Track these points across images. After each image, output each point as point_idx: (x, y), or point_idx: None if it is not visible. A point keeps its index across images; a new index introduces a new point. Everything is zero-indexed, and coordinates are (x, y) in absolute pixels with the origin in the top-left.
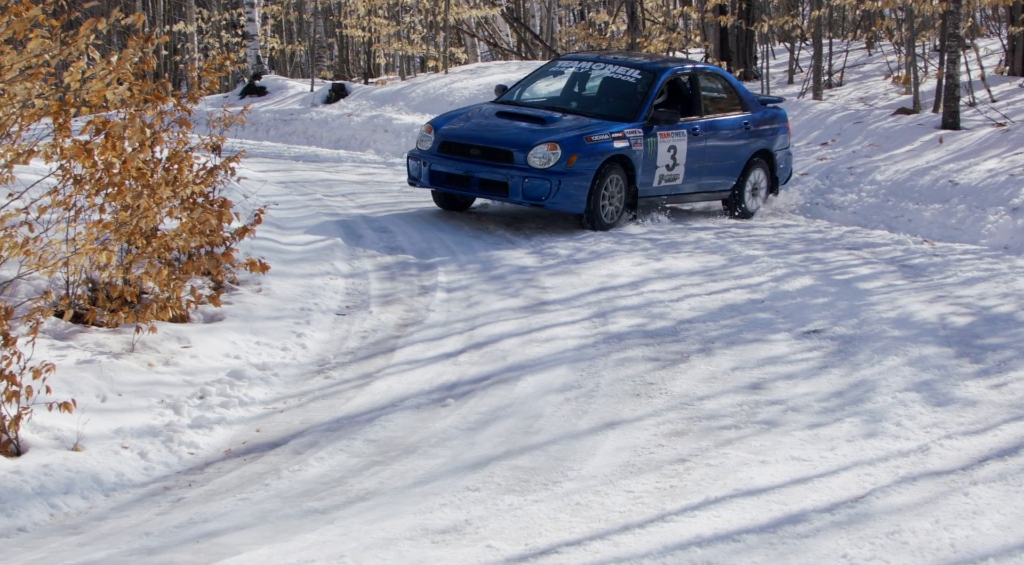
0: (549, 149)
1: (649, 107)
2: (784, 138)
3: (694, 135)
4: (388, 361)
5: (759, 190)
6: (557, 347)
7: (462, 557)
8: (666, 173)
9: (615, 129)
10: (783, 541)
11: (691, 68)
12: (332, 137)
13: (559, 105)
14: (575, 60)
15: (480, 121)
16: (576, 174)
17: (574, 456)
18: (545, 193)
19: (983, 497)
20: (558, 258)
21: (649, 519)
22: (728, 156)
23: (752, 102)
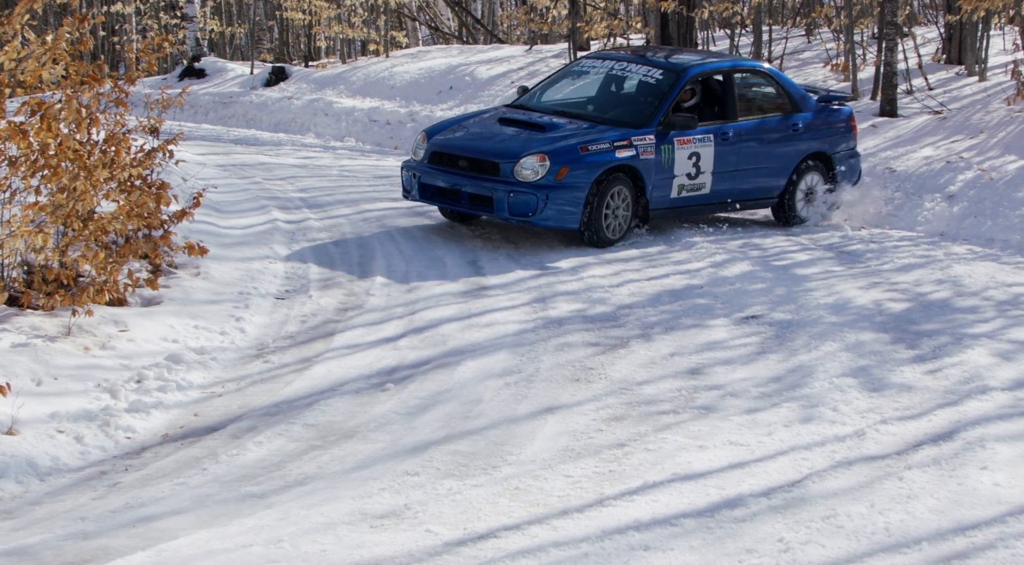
0: (538, 161)
1: (665, 111)
2: (846, 139)
3: (724, 140)
4: (327, 345)
5: (815, 196)
6: (497, 332)
7: (401, 541)
8: (687, 183)
9: (619, 137)
10: (720, 525)
11: (728, 65)
12: (272, 120)
13: (571, 110)
14: (599, 59)
15: (476, 129)
16: (567, 188)
17: (513, 441)
18: (532, 209)
19: (917, 482)
20: (501, 244)
21: (588, 503)
22: (771, 161)
23: (805, 101)
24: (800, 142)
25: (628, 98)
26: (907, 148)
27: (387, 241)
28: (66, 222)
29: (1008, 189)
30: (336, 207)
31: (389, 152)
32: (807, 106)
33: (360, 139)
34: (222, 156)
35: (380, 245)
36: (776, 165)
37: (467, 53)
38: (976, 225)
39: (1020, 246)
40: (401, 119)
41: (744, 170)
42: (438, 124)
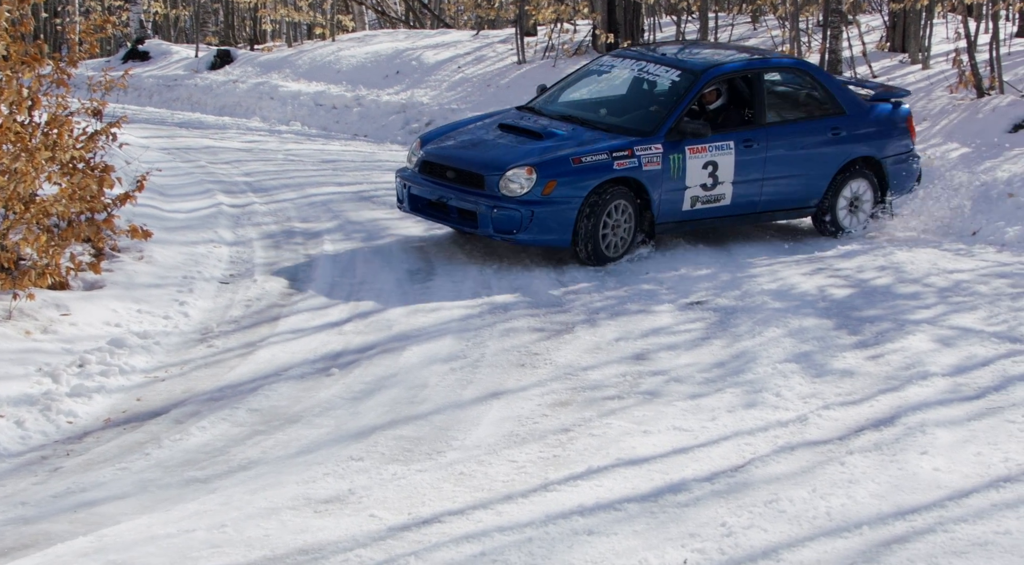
0: (525, 173)
1: (677, 118)
2: (901, 142)
3: (747, 147)
4: (272, 330)
5: (861, 205)
6: (443, 317)
7: (345, 526)
8: (702, 194)
9: (619, 146)
10: (664, 510)
11: (757, 64)
12: (217, 104)
13: (581, 114)
14: (620, 57)
15: (470, 136)
16: (556, 203)
17: (458, 426)
18: (516, 225)
19: (859, 466)
20: (445, 228)
21: (532, 488)
22: (805, 168)
23: (851, 101)
24: (841, 146)
25: (639, 103)
26: None
27: (333, 226)
28: (7, 205)
29: (951, 176)
30: (282, 191)
31: (335, 136)
32: (853, 107)
33: (306, 123)
34: (166, 139)
35: (326, 230)
36: (812, 172)
37: (414, 38)
38: (921, 211)
39: (961, 232)
40: (347, 103)
41: (773, 179)
42: (435, 130)
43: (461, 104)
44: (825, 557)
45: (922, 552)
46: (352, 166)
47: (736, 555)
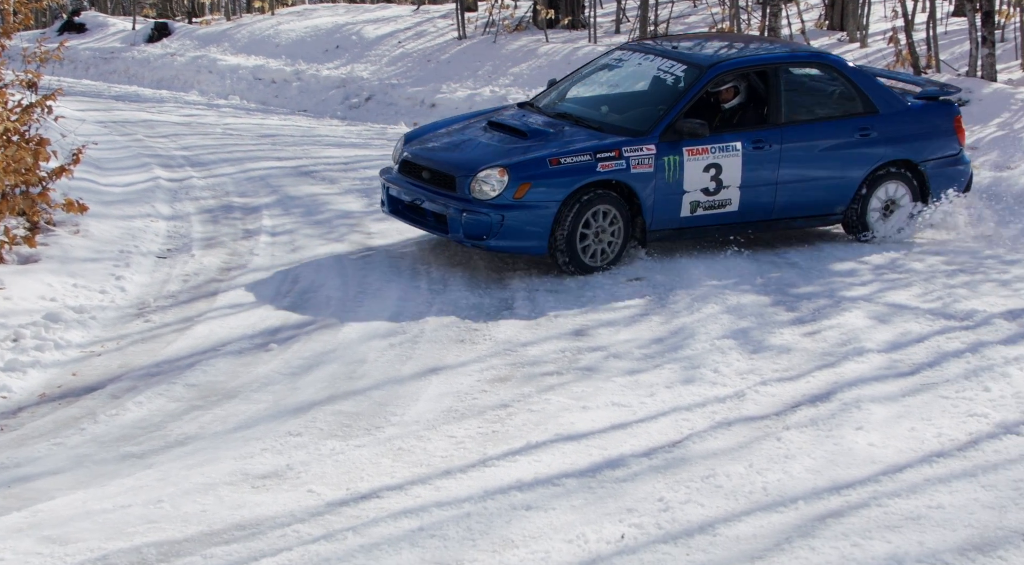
0: (498, 175)
1: (675, 116)
2: (945, 144)
3: (757, 148)
4: (210, 305)
5: (897, 210)
6: (382, 292)
7: (283, 502)
8: (704, 199)
9: (605, 147)
10: (602, 485)
11: (775, 58)
12: (154, 77)
13: (580, 113)
14: (632, 51)
15: (456, 135)
16: (529, 207)
17: (397, 401)
18: (486, 231)
19: (795, 442)
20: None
21: (471, 464)
22: (829, 171)
23: (885, 98)
24: (872, 148)
25: (641, 100)
26: None
27: (272, 201)
28: None
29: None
30: (220, 166)
31: (274, 111)
32: (887, 105)
33: (245, 97)
34: (103, 113)
35: (265, 204)
36: (836, 176)
37: (354, 12)
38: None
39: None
40: (287, 78)
41: (789, 183)
42: (422, 127)
43: (401, 79)
44: (761, 531)
45: (856, 526)
46: (291, 141)
47: (673, 530)
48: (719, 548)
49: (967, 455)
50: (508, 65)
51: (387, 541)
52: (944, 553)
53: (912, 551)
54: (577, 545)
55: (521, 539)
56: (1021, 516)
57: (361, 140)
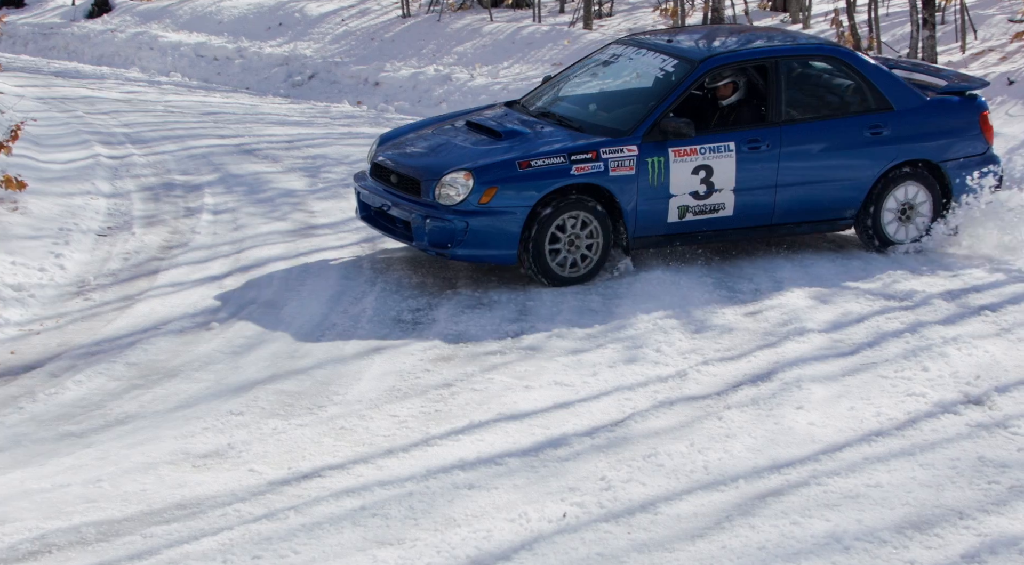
0: (464, 179)
1: (660, 115)
2: (969, 142)
3: (753, 148)
4: (151, 283)
5: (915, 215)
6: (326, 271)
7: (224, 481)
8: (694, 204)
9: (580, 148)
10: (544, 464)
11: (775, 51)
12: (95, 53)
13: (566, 112)
14: (628, 45)
15: (431, 135)
16: (496, 213)
17: (339, 381)
18: (450, 238)
19: (736, 421)
20: (329, 182)
21: (413, 443)
22: (834, 173)
23: (901, 94)
24: (884, 147)
25: (627, 98)
26: None
27: (214, 179)
28: None
29: None
30: (161, 143)
31: (216, 88)
32: (903, 101)
33: (187, 75)
34: (42, 89)
35: (207, 182)
36: (844, 178)
37: None
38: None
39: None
40: (229, 55)
41: (790, 185)
42: (399, 127)
43: (345, 57)
44: (702, 510)
45: (796, 505)
46: (234, 119)
47: (615, 509)
48: (660, 527)
49: (905, 434)
50: (452, 44)
51: (329, 520)
52: (882, 531)
53: (850, 529)
54: (519, 524)
55: (463, 518)
56: (957, 494)
57: (304, 118)
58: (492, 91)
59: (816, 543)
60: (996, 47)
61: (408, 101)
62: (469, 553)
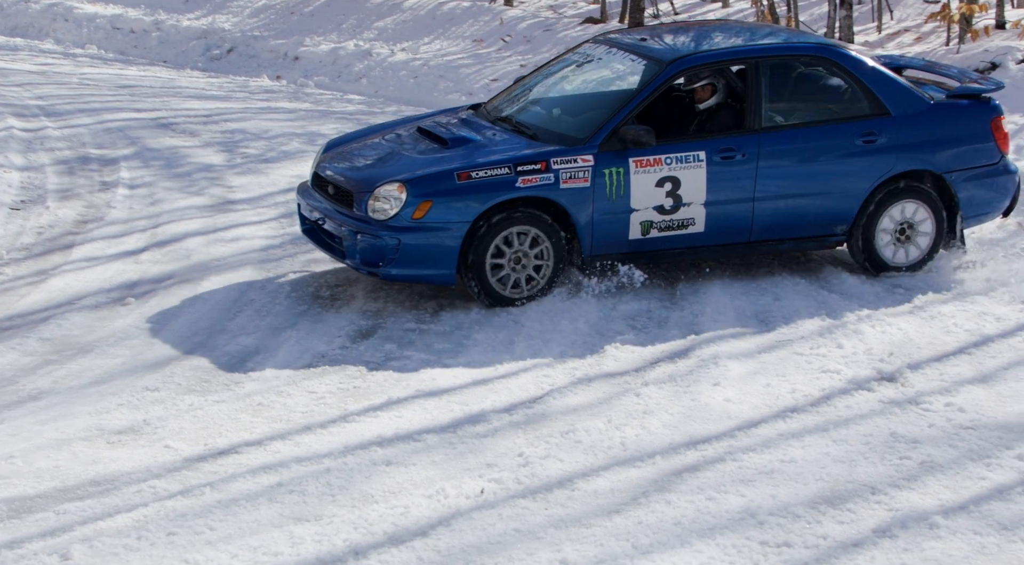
0: (397, 191)
1: (620, 121)
2: (979, 151)
3: (725, 158)
4: (65, 258)
5: (915, 234)
6: (243, 247)
7: (139, 457)
8: (659, 219)
9: (528, 158)
10: (462, 440)
11: (756, 51)
12: (7, 24)
13: (520, 117)
14: (601, 44)
15: (378, 142)
16: (431, 229)
17: (257, 357)
18: (382, 256)
19: (653, 398)
20: (247, 157)
21: (331, 419)
22: (821, 185)
23: (900, 97)
24: (878, 157)
25: (592, 102)
26: None
27: (131, 153)
28: None
29: None
30: (76, 116)
31: (133, 61)
32: (902, 105)
33: (103, 47)
34: None
35: (123, 156)
36: (832, 191)
37: None
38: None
39: None
40: (146, 27)
41: (770, 199)
42: (352, 132)
43: (264, 31)
44: (619, 486)
45: (711, 481)
46: (151, 92)
47: (532, 485)
48: (577, 502)
49: (819, 410)
50: (373, 19)
51: (245, 497)
52: (796, 506)
53: (765, 504)
54: (437, 500)
55: (381, 494)
56: (870, 469)
57: (223, 93)
58: (412, 67)
59: (731, 518)
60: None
61: (328, 76)
62: (386, 529)
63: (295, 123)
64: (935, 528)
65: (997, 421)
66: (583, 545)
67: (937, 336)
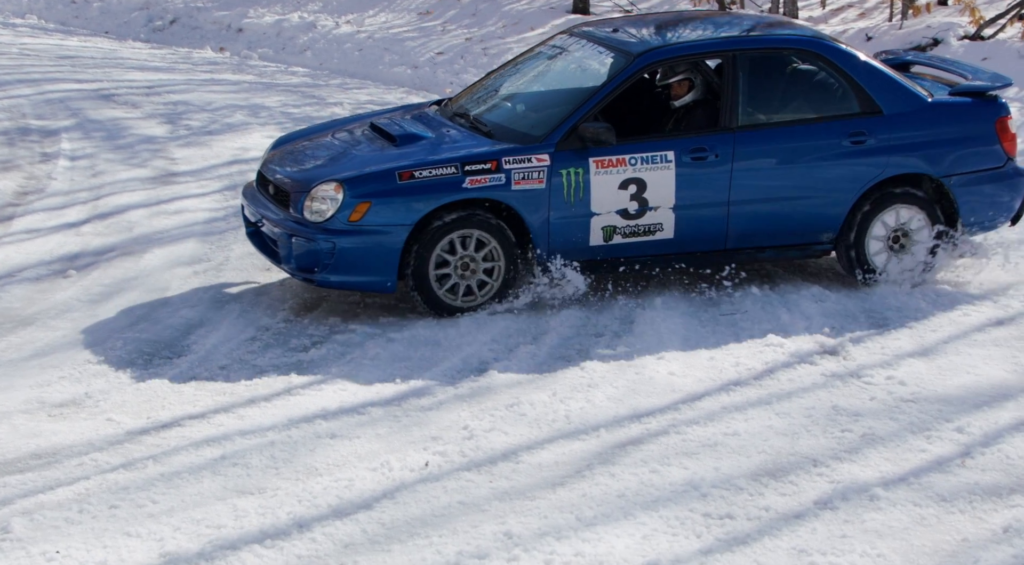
0: (334, 191)
1: (580, 118)
2: (980, 152)
3: (697, 159)
4: (6, 230)
5: (911, 243)
6: (186, 219)
7: (80, 430)
8: (623, 224)
9: (477, 157)
10: (407, 414)
11: (733, 44)
12: None
13: (477, 113)
14: (573, 36)
15: (330, 140)
16: (369, 232)
17: (200, 330)
18: (316, 261)
19: (598, 371)
20: (190, 129)
21: (275, 392)
22: (805, 189)
23: (894, 94)
24: (868, 159)
25: (553, 99)
26: None
27: (72, 124)
28: None
29: None
30: (16, 86)
31: (74, 31)
32: (896, 103)
33: (43, 17)
34: None
35: (64, 128)
36: (816, 197)
37: None
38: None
39: None
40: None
41: (747, 203)
42: (305, 128)
43: (207, 2)
44: (563, 458)
45: (655, 453)
46: (92, 63)
47: (477, 457)
48: (522, 475)
49: (763, 384)
50: None
51: (188, 470)
52: (738, 478)
53: (708, 477)
54: (381, 473)
55: (325, 467)
56: (812, 442)
57: (165, 64)
58: (357, 40)
59: (674, 490)
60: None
61: (272, 48)
62: (331, 502)
63: (239, 95)
64: (875, 500)
65: (937, 394)
66: (527, 517)
67: (878, 310)
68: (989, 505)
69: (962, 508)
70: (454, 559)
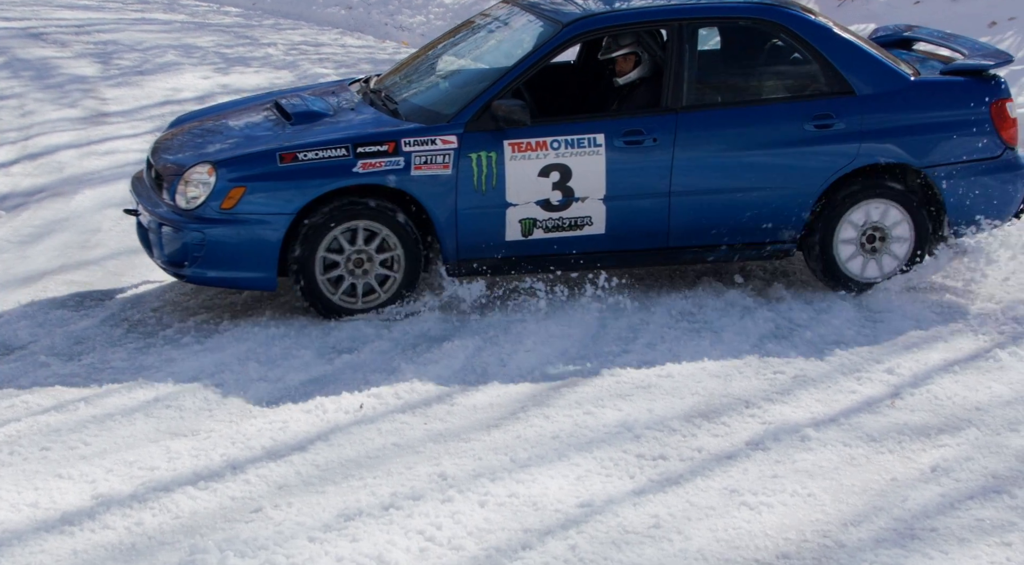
0: (207, 174)
1: (493, 95)
2: (969, 139)
3: (631, 143)
4: None
5: (889, 242)
6: (118, 160)
7: (9, 373)
8: (544, 217)
9: (371, 137)
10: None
11: (685, 12)
12: None
13: (389, 91)
14: (506, 4)
15: (228, 120)
16: (243, 222)
17: (132, 272)
18: (185, 254)
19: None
20: (121, 69)
21: (206, 334)
22: (760, 180)
23: (867, 71)
24: (837, 145)
25: (470, 76)
26: None
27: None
28: None
29: None
30: None
31: None
32: (871, 83)
33: None
34: None
35: None
36: (773, 188)
37: None
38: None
39: None
40: None
41: (691, 195)
42: (204, 108)
43: None
44: (497, 400)
45: (589, 395)
46: (19, 1)
47: (411, 400)
48: (456, 417)
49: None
50: None
51: (121, 412)
52: (672, 420)
53: (641, 418)
54: (315, 415)
55: (259, 410)
56: (744, 384)
57: (95, 2)
58: None
59: (608, 432)
60: None
61: None
62: (264, 444)
63: (170, 35)
64: (806, 440)
65: (867, 336)
66: (462, 459)
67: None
68: (917, 445)
69: (891, 448)
70: (388, 500)
